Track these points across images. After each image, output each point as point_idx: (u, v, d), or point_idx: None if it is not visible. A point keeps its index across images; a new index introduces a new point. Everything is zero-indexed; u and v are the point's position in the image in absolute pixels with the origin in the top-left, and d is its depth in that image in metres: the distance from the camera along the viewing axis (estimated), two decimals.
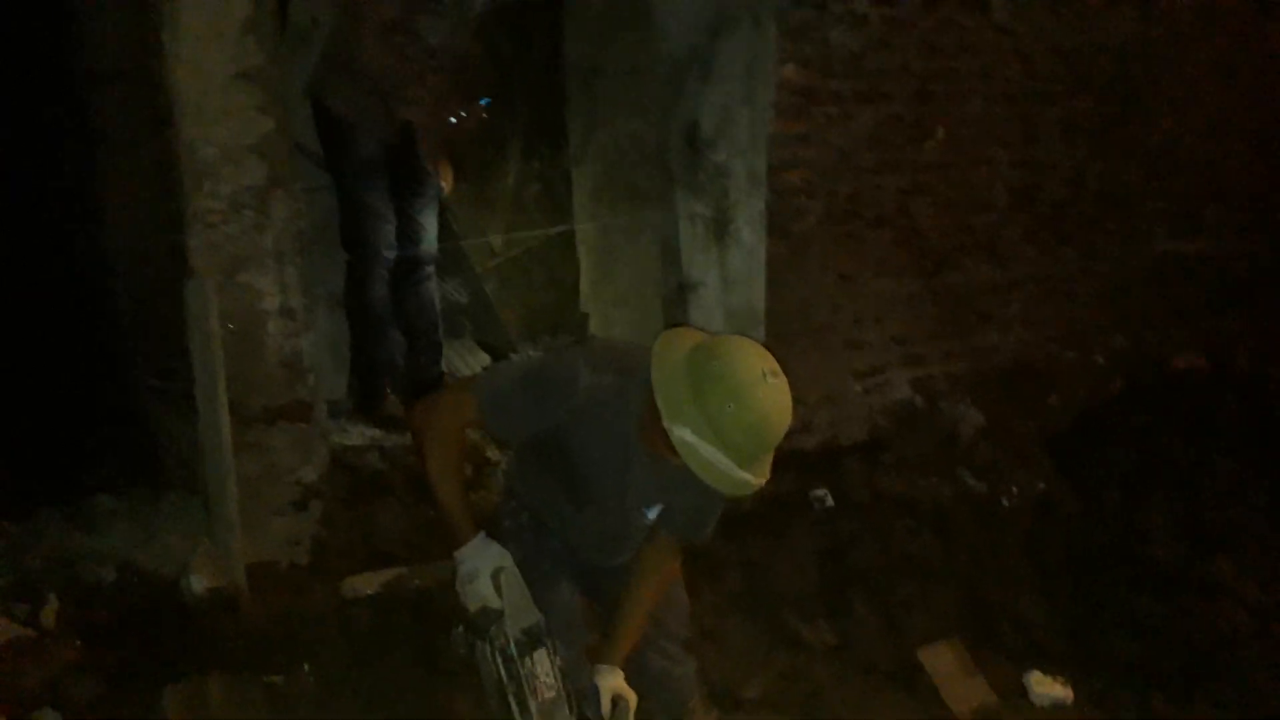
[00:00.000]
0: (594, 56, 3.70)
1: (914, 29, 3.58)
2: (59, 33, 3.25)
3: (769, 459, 1.80)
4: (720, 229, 3.66)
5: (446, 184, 3.32)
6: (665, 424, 1.72)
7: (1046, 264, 4.14)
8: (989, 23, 3.72)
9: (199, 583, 2.59)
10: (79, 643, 2.41)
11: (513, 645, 1.88)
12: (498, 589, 1.91)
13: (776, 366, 1.78)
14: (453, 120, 3.25)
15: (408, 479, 3.14)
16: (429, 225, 3.27)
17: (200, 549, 2.67)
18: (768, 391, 1.73)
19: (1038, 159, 4.01)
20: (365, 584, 2.86)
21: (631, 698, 2.05)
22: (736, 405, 1.70)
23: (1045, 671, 3.11)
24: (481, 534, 1.97)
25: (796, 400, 3.59)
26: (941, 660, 3.11)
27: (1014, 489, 3.81)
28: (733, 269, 3.66)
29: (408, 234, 3.23)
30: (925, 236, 3.85)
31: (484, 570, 1.93)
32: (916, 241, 3.84)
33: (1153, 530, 3.54)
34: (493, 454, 3.27)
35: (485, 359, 3.81)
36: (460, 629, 1.95)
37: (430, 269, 3.33)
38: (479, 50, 3.46)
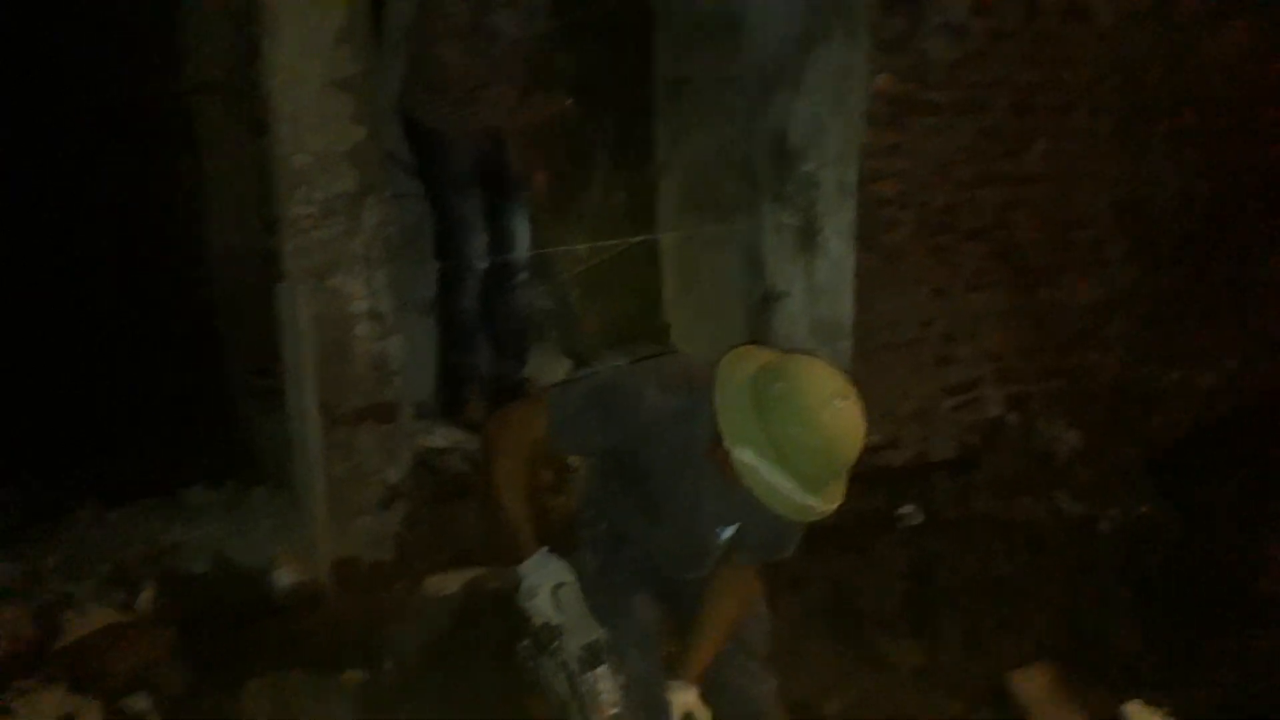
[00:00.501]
0: (683, 67, 3.70)
1: (1015, 39, 3.48)
2: (169, 43, 3.39)
3: (841, 484, 1.74)
4: (808, 239, 3.62)
5: (539, 185, 3.31)
6: (726, 445, 1.68)
7: (1151, 282, 3.98)
8: (1093, 33, 3.59)
9: (284, 577, 2.65)
10: (171, 631, 2.49)
11: (574, 662, 1.86)
12: (558, 605, 1.89)
13: (848, 388, 1.71)
14: (536, 113, 3.25)
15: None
16: (520, 233, 3.30)
17: (287, 545, 2.74)
18: (836, 414, 1.67)
19: (1143, 174, 3.85)
20: (446, 584, 2.90)
21: (704, 715, 2.01)
22: (801, 428, 1.65)
23: (1146, 701, 2.96)
24: (543, 549, 1.96)
25: (884, 414, 3.59)
26: (1032, 685, 3.00)
27: (1113, 512, 3.68)
28: (820, 280, 3.61)
29: (500, 242, 3.27)
30: (1023, 251, 3.74)
31: (544, 586, 1.90)
32: (1014, 256, 3.72)
33: (1263, 561, 3.35)
34: (575, 459, 3.28)
35: (568, 366, 3.83)
36: (526, 643, 1.95)
37: (522, 276, 3.37)
38: (555, 32, 3.51)
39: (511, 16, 3.09)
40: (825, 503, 1.71)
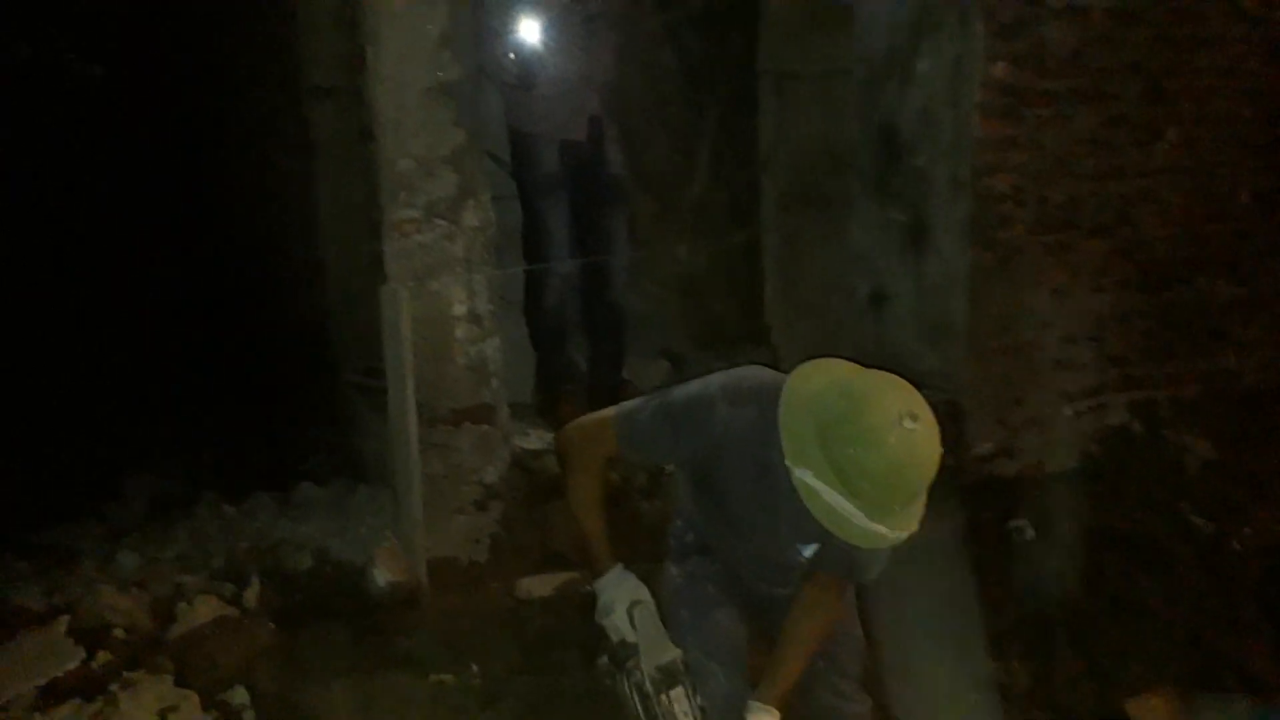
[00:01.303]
0: (787, 61, 3.60)
1: (1145, 21, 3.27)
2: (286, 50, 3.50)
3: (913, 510, 1.62)
4: (917, 237, 3.48)
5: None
6: (787, 464, 1.59)
7: None
8: (1235, 11, 3.34)
9: (382, 576, 2.70)
10: (273, 626, 2.56)
11: (648, 682, 1.83)
12: (634, 624, 1.87)
13: (920, 409, 1.58)
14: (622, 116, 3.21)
15: None
16: (615, 234, 3.27)
17: (385, 543, 2.79)
18: (903, 437, 1.54)
19: None
20: (539, 586, 2.90)
21: None
22: (863, 450, 1.54)
23: None
24: (619, 566, 1.94)
25: (997, 421, 3.42)
26: (1152, 713, 2.83)
27: (1247, 530, 3.43)
28: (930, 279, 3.47)
29: (593, 243, 3.25)
30: (1151, 248, 3.52)
31: (620, 603, 1.89)
32: (1141, 253, 3.51)
33: None
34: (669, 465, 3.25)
35: (665, 367, 3.79)
36: (604, 659, 1.92)
37: (619, 279, 3.34)
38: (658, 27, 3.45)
39: (597, 20, 3.05)
40: (894, 529, 1.60)
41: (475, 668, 2.52)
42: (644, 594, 1.90)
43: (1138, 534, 3.38)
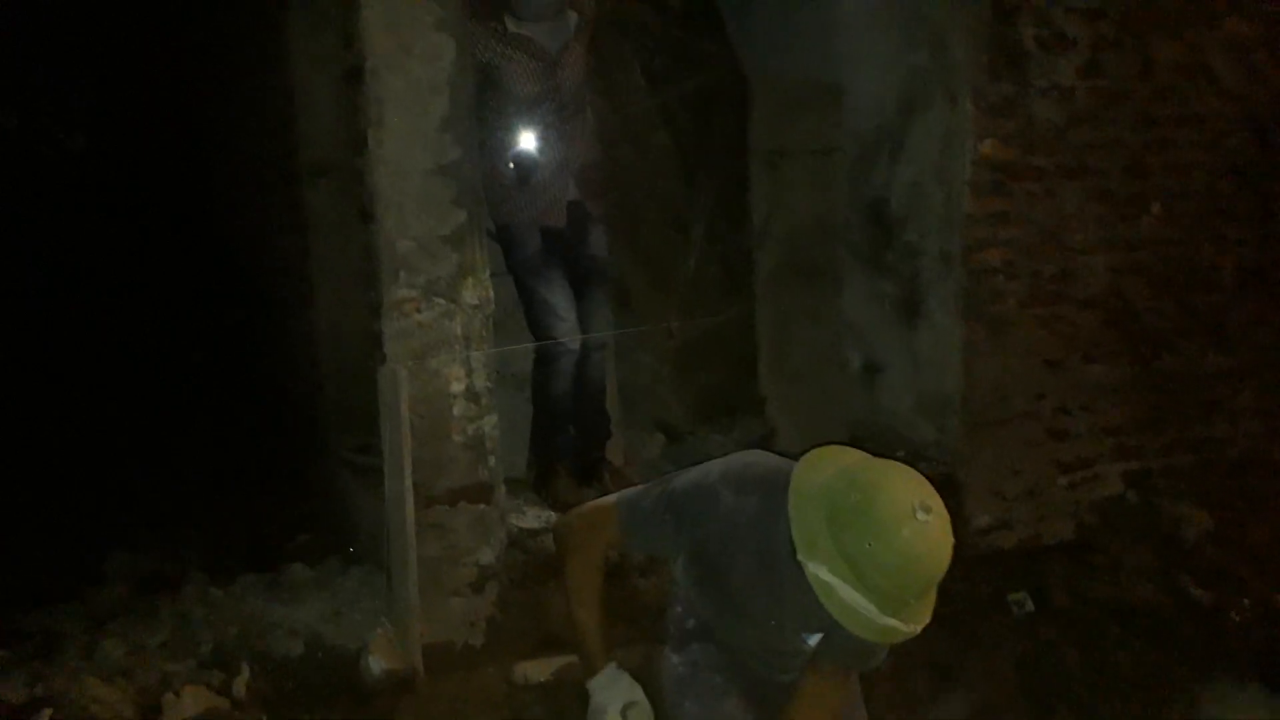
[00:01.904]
0: (778, 138, 3.66)
1: (1127, 100, 3.36)
2: (281, 129, 3.52)
3: (926, 603, 1.59)
4: (910, 309, 3.51)
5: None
6: (800, 558, 1.55)
7: None
8: (1215, 90, 3.43)
9: (377, 664, 2.62)
10: (264, 717, 2.48)
11: None
12: None
13: (933, 500, 1.55)
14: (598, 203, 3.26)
15: None
16: (597, 311, 3.28)
17: (379, 628, 2.72)
18: (917, 530, 1.51)
19: (1273, 234, 3.64)
20: (536, 670, 2.83)
21: None
22: (878, 544, 1.50)
23: None
24: (613, 665, 1.90)
25: (994, 494, 3.41)
26: None
27: (1245, 601, 3.42)
28: (924, 351, 3.49)
29: (580, 321, 3.26)
30: (1141, 319, 3.56)
31: (613, 705, 1.84)
32: (1131, 324, 3.55)
33: None
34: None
35: (661, 440, 3.77)
36: None
37: (599, 355, 3.33)
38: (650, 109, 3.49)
39: (564, 117, 3.10)
40: (908, 623, 1.56)
41: None
42: (638, 694, 1.86)
43: (1137, 605, 3.37)
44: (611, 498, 1.92)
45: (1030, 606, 3.36)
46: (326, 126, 3.38)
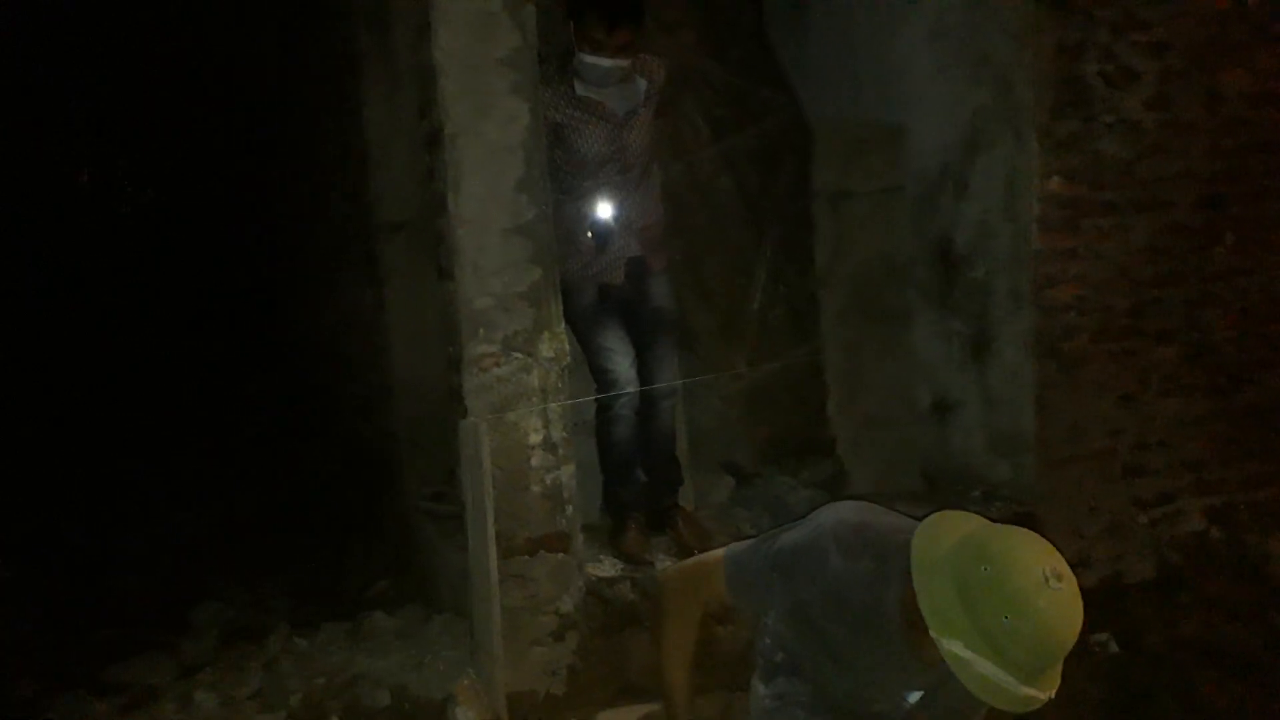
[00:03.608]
0: (841, 179, 3.68)
1: (1196, 131, 3.32)
2: (358, 187, 3.63)
3: (1058, 669, 1.58)
4: (980, 347, 3.49)
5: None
6: (933, 634, 1.55)
7: None
8: None
9: (464, 715, 2.65)
10: None
11: None
12: None
13: (1061, 565, 1.55)
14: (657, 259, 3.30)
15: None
16: (663, 360, 3.30)
17: (465, 680, 2.75)
18: (1052, 599, 1.50)
19: None
20: (619, 719, 2.84)
21: None
22: (1015, 618, 1.49)
23: None
24: None
25: (1072, 531, 3.36)
26: None
27: None
28: (995, 389, 3.46)
29: (643, 370, 3.29)
30: (1218, 351, 3.49)
31: None
32: (1208, 356, 3.48)
33: None
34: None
35: (731, 484, 3.77)
36: None
37: (668, 403, 3.35)
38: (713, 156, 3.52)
39: (628, 179, 3.14)
40: (1044, 689, 1.55)
41: None
42: None
43: (1226, 644, 3.28)
44: (717, 553, 1.95)
45: (1114, 647, 3.28)
46: (401, 184, 3.48)
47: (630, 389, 3.20)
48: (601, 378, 3.19)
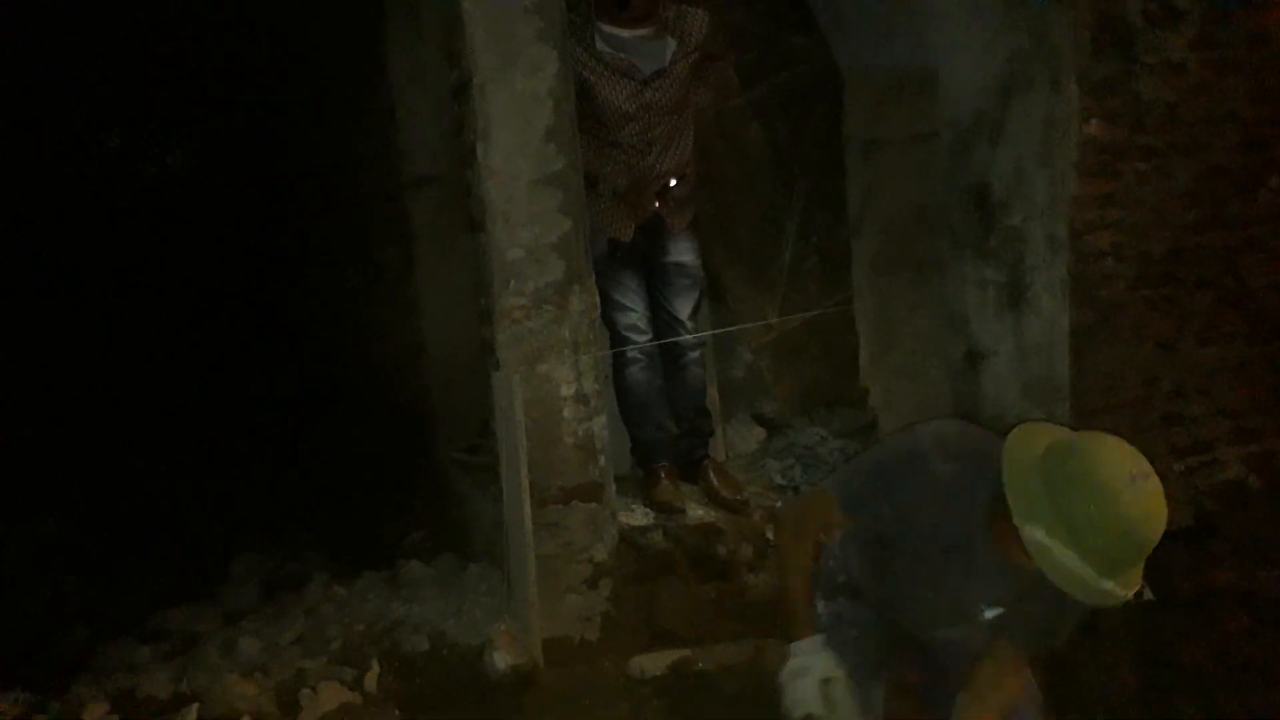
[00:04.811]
0: (873, 127, 3.62)
1: (1241, 71, 3.23)
2: (384, 142, 3.62)
3: (1139, 569, 1.62)
4: (1015, 295, 3.44)
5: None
6: (1016, 521, 1.60)
7: None
8: None
9: (501, 659, 2.71)
10: (398, 711, 2.57)
11: None
12: (826, 699, 1.88)
13: (1148, 467, 1.60)
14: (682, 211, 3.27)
15: (690, 559, 3.15)
16: (682, 313, 3.30)
17: (502, 625, 2.80)
18: (1136, 495, 1.56)
19: None
20: (652, 664, 2.88)
21: None
22: (1098, 508, 1.55)
23: None
24: (820, 638, 1.97)
25: None
26: None
27: None
28: (1030, 338, 3.42)
29: (663, 323, 3.30)
30: (1258, 297, 3.43)
31: (814, 673, 1.91)
32: (1248, 303, 3.42)
33: None
34: None
35: (762, 434, 3.77)
36: None
37: (694, 354, 3.35)
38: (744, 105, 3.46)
39: (650, 138, 3.11)
40: (1123, 588, 1.60)
41: None
42: (838, 671, 1.93)
43: (1261, 592, 3.25)
44: (825, 485, 2.06)
45: (1150, 595, 3.27)
46: (428, 138, 3.48)
47: (638, 339, 3.21)
48: (610, 329, 3.21)
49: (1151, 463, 3.25)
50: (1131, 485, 1.56)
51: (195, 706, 2.61)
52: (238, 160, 5.89)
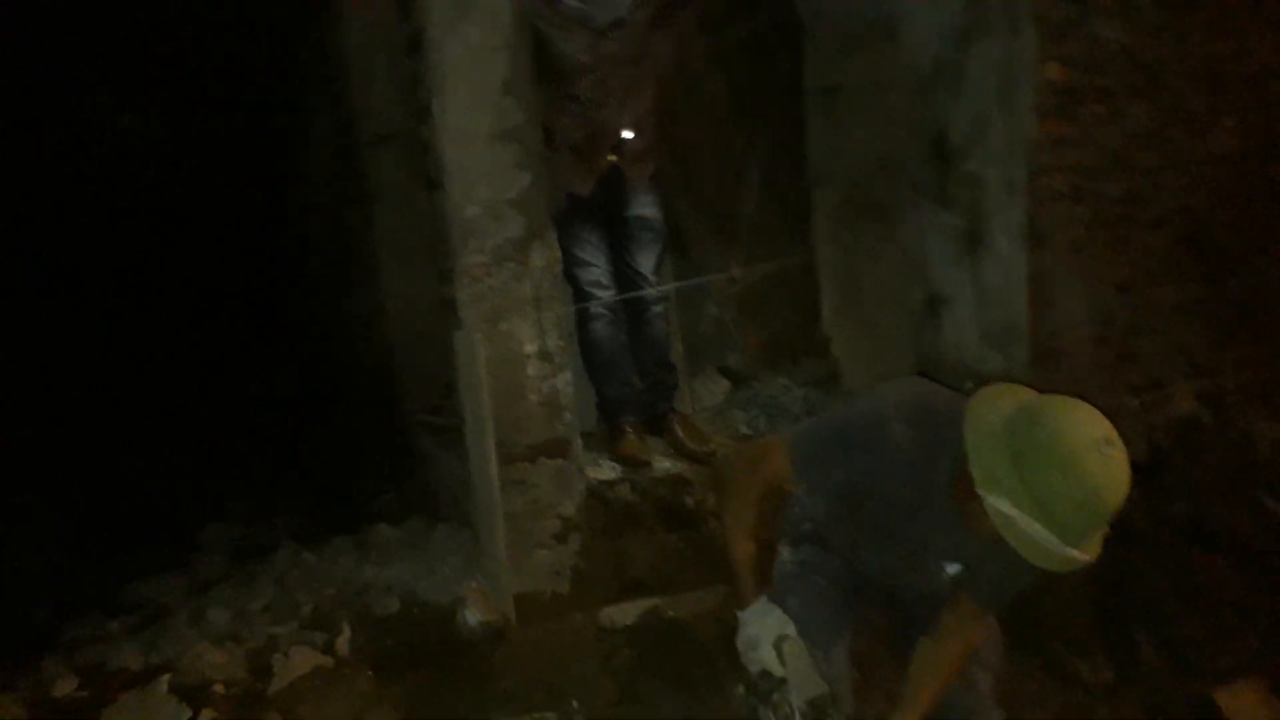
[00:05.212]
0: (834, 75, 3.60)
1: (1197, 10, 3.23)
2: (340, 101, 3.54)
3: (1101, 534, 1.64)
4: (973, 241, 3.46)
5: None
6: (980, 492, 1.60)
7: None
8: None
9: (473, 617, 2.72)
10: (371, 673, 2.59)
11: (798, 715, 1.85)
12: (781, 657, 1.88)
13: (1113, 434, 1.60)
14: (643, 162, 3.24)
15: (658, 510, 3.18)
16: (645, 267, 3.29)
17: (472, 583, 2.81)
18: (1100, 463, 1.56)
19: None
20: (622, 615, 2.92)
21: None
22: (1063, 476, 1.55)
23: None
24: (764, 598, 1.96)
25: None
26: (1241, 702, 2.81)
27: None
28: (988, 283, 3.45)
29: (626, 277, 3.28)
30: (1213, 237, 3.47)
31: (765, 636, 1.91)
32: (1203, 243, 3.46)
33: None
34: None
35: (726, 386, 3.79)
36: (742, 690, 1.94)
37: (657, 309, 3.35)
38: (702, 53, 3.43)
39: (606, 90, 3.07)
40: (1085, 554, 1.62)
41: (575, 704, 2.54)
42: (791, 629, 1.93)
43: (1213, 524, 3.34)
44: (778, 435, 2.01)
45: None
46: (385, 96, 3.40)
47: (601, 295, 3.20)
48: (572, 285, 3.20)
49: (1106, 401, 3.31)
50: (1099, 453, 1.56)
51: (166, 677, 2.60)
52: (192, 121, 5.74)
